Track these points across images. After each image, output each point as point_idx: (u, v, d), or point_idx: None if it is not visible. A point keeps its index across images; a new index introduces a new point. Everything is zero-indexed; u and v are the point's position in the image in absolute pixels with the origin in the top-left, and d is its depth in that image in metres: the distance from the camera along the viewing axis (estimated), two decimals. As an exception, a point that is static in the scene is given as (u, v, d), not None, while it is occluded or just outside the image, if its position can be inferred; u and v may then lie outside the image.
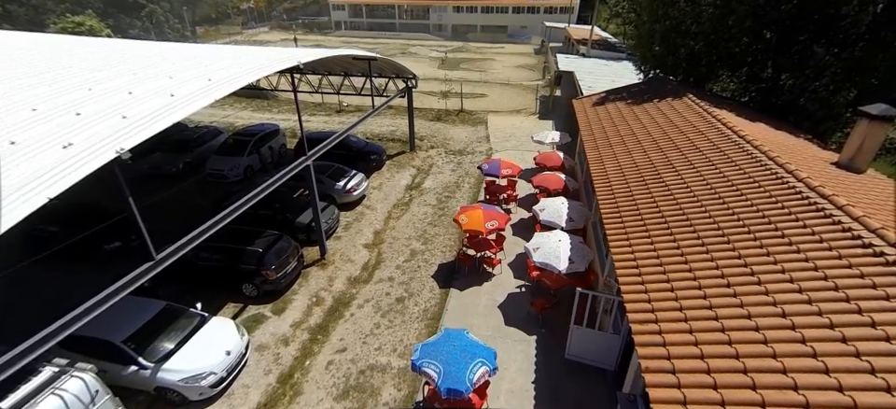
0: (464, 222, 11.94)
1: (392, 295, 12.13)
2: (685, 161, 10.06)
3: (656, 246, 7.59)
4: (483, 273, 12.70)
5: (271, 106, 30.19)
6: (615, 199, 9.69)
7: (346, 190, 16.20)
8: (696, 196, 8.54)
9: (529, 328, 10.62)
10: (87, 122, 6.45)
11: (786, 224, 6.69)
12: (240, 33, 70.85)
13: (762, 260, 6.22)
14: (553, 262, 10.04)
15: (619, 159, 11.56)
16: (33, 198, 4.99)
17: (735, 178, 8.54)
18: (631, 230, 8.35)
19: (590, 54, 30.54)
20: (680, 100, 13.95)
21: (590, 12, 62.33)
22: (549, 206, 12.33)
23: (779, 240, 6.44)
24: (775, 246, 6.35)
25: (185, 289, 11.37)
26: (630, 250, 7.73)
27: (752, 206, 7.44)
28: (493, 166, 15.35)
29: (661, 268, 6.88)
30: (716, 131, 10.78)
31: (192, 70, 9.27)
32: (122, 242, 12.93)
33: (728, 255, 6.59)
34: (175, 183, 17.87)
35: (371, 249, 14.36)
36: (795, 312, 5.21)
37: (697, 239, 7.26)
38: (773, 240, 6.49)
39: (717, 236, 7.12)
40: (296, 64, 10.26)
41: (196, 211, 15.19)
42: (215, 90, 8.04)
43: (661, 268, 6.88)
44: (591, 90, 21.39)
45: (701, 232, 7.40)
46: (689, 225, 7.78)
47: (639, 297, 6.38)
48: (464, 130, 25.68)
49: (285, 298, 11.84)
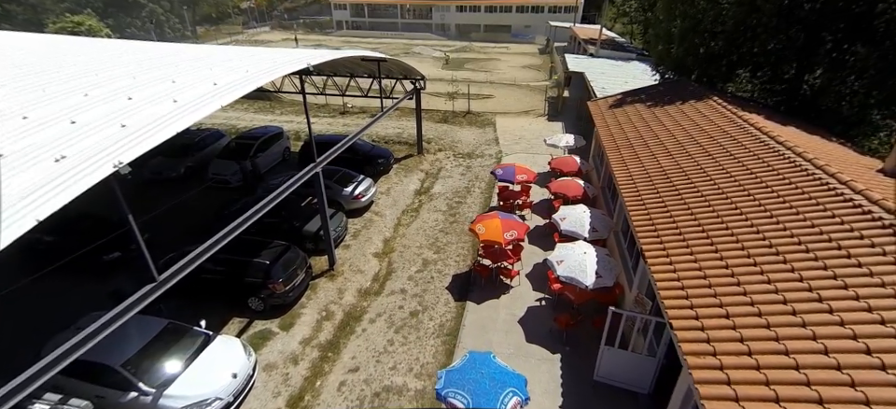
0: (481, 232, 11.34)
1: (405, 309, 11.54)
2: (718, 167, 9.46)
3: (699, 260, 7.00)
4: (500, 285, 12.10)
5: (273, 108, 29.59)
6: (645, 207, 9.10)
7: (354, 196, 15.61)
8: (737, 206, 7.95)
9: (553, 346, 10.03)
10: (82, 132, 5.86)
11: (849, 242, 6.09)
12: (241, 32, 70.22)
13: (826, 282, 5.63)
14: (579, 277, 9.44)
15: (644, 163, 10.97)
16: (19, 220, 4.40)
17: (779, 188, 7.95)
18: (667, 241, 7.77)
19: (599, 54, 29.92)
20: (705, 102, 13.35)
21: (595, 12, 61.96)
22: (570, 215, 11.73)
23: (844, 260, 5.85)
24: (839, 267, 5.75)
25: (187, 303, 10.77)
26: (670, 265, 7.14)
27: (805, 221, 6.84)
28: (507, 171, 14.76)
29: (710, 289, 6.28)
30: (750, 135, 10.18)
31: (196, 73, 8.68)
32: (122, 252, 12.33)
33: (786, 275, 6.00)
34: (177, 189, 17.35)
35: (382, 259, 13.77)
36: (882, 348, 4.61)
37: (747, 256, 6.66)
38: (836, 260, 5.89)
39: (769, 254, 6.51)
40: (305, 67, 9.66)
41: (198, 219, 14.76)
42: (221, 95, 7.45)
43: (710, 289, 6.28)
44: (604, 91, 20.82)
45: (749, 248, 6.81)
46: (733, 238, 7.19)
47: (690, 323, 5.78)
48: (472, 132, 25.09)
49: (293, 312, 11.25)
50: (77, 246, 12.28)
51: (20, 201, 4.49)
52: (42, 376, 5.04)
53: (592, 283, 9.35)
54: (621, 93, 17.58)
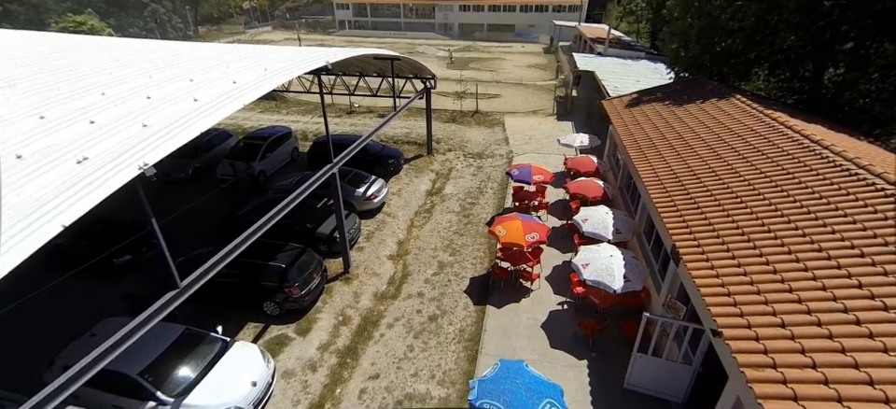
0: (501, 234, 11.06)
1: (423, 313, 11.26)
2: (751, 166, 9.18)
3: (741, 263, 6.71)
4: (519, 288, 11.81)
5: (279, 107, 29.30)
6: (677, 208, 8.81)
7: (367, 197, 15.32)
8: (775, 206, 7.67)
9: (578, 351, 9.74)
10: (103, 132, 5.57)
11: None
12: (242, 32, 69.92)
13: (888, 288, 5.34)
14: (606, 281, 9.16)
15: (669, 162, 10.69)
16: (44, 226, 4.12)
17: (820, 187, 7.67)
18: (705, 244, 7.48)
19: (608, 53, 29.63)
20: (727, 101, 13.06)
21: (599, 11, 61.66)
22: (592, 216, 11.44)
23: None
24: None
25: (201, 308, 10.46)
26: (711, 269, 6.85)
27: (855, 222, 6.56)
28: (523, 172, 14.48)
29: (759, 295, 5.99)
30: (782, 134, 9.89)
31: (213, 71, 8.40)
32: (133, 255, 12.05)
33: (839, 279, 5.72)
34: (185, 190, 17.08)
35: (396, 261, 13.48)
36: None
37: (793, 258, 6.38)
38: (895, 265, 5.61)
39: (818, 257, 6.24)
40: (324, 65, 9.38)
41: (208, 221, 14.48)
42: (242, 93, 7.17)
43: (759, 295, 5.99)
44: (617, 90, 20.56)
45: (794, 250, 6.53)
46: (776, 240, 6.92)
47: (743, 333, 5.49)
48: (480, 132, 24.80)
49: (309, 317, 10.97)
50: (88, 248, 12.07)
51: (43, 205, 4.21)
52: (67, 389, 4.77)
53: (620, 287, 9.06)
54: (636, 92, 17.30)
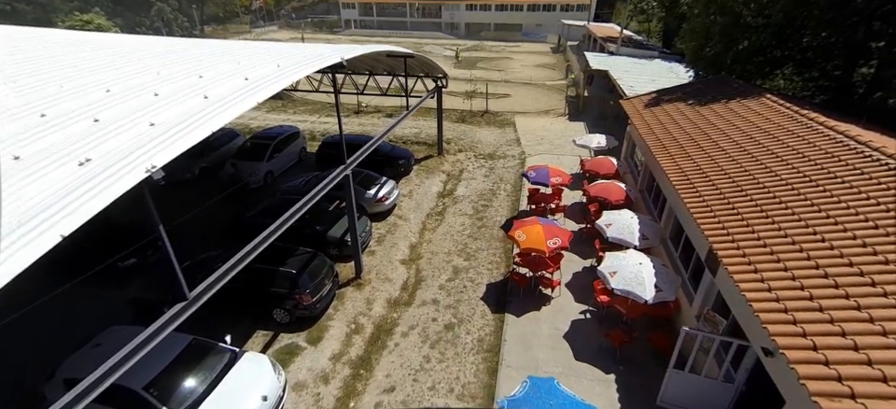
0: (521, 239, 10.56)
1: (439, 321, 10.78)
2: (792, 169, 8.63)
3: (795, 275, 6.18)
4: (539, 295, 11.31)
5: (286, 107, 28.93)
6: (713, 213, 8.29)
7: (378, 199, 14.86)
8: (826, 212, 7.13)
9: (605, 364, 9.21)
10: (107, 131, 5.13)
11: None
12: (248, 32, 69.76)
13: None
14: (636, 290, 8.64)
15: (699, 164, 10.16)
16: (39, 236, 3.69)
17: (873, 192, 7.12)
18: (749, 252, 6.97)
19: (620, 52, 29.05)
20: (756, 100, 12.49)
21: (608, 10, 60.98)
22: (616, 221, 10.91)
23: None
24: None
25: (208, 314, 9.98)
26: (761, 281, 6.33)
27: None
28: (540, 174, 13.96)
29: (821, 312, 5.46)
30: (822, 135, 9.32)
31: (223, 67, 7.96)
32: (138, 258, 11.65)
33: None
34: (191, 190, 16.71)
35: (409, 266, 13.01)
36: None
37: (855, 270, 5.84)
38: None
39: (885, 271, 5.70)
40: (339, 61, 8.93)
41: (215, 223, 14.07)
42: (255, 90, 6.72)
43: (821, 312, 5.46)
44: (632, 90, 20.01)
45: (854, 261, 5.99)
46: (832, 249, 6.40)
47: (808, 355, 4.97)
48: (491, 132, 24.30)
49: (320, 324, 10.51)
50: (92, 251, 11.69)
51: (42, 212, 3.77)
52: (75, 406, 4.32)
53: (652, 297, 8.55)
54: (655, 92, 16.74)
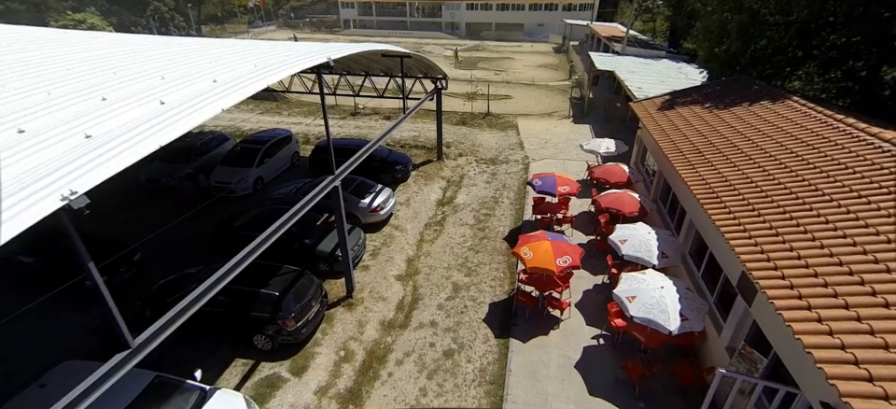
0: (528, 257, 9.58)
1: (437, 347, 9.80)
2: (835, 183, 7.64)
3: (857, 311, 5.20)
4: (547, 317, 10.33)
5: (281, 109, 27.98)
6: (747, 231, 7.30)
7: (373, 209, 13.89)
8: (889, 238, 6.14)
9: (623, 400, 8.22)
10: (31, 145, 4.17)
11: None
12: (246, 31, 68.89)
13: None
14: (659, 319, 7.65)
15: (724, 174, 9.20)
16: None
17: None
18: (793, 277, 5.99)
19: (626, 52, 28.05)
20: (782, 103, 11.49)
21: (612, 9, 59.96)
22: (632, 237, 9.92)
23: None
24: None
25: (181, 340, 9.08)
26: (810, 310, 5.36)
27: None
28: (547, 182, 12.98)
29: (883, 346, 4.48)
30: (864, 143, 8.32)
31: (192, 67, 7.00)
32: (109, 275, 10.69)
33: None
34: (177, 196, 15.79)
35: (405, 283, 12.03)
36: None
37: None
38: None
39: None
40: (326, 61, 7.95)
41: (201, 231, 13.08)
42: (222, 94, 5.75)
43: (883, 346, 4.48)
44: (641, 91, 19.03)
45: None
46: (888, 273, 5.43)
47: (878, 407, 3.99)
48: (493, 135, 23.33)
49: (306, 351, 9.55)
50: (59, 268, 10.75)
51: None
52: None
53: (676, 328, 7.55)
54: (668, 94, 15.74)
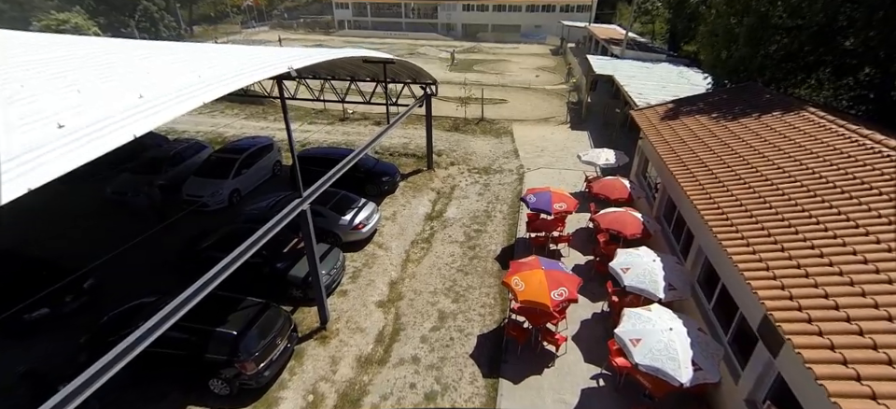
0: (520, 289, 8.55)
1: (418, 388, 8.77)
2: (864, 209, 6.67)
3: (893, 361, 4.23)
4: (541, 353, 9.32)
5: (267, 113, 26.89)
6: (766, 265, 6.33)
7: (354, 227, 12.84)
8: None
9: (626, 458, 7.24)
10: None
11: None
12: (239, 32, 67.68)
13: None
14: (668, 369, 6.64)
15: (739, 199, 8.21)
16: None
17: None
18: (830, 332, 5.00)
19: (625, 55, 27.12)
20: (798, 114, 10.52)
21: (610, 11, 59.12)
22: (635, 265, 8.90)
23: None
24: None
25: (126, 385, 8.02)
26: (840, 361, 4.37)
27: None
28: (542, 199, 11.96)
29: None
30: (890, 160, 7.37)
31: (117, 80, 5.95)
32: (52, 308, 9.60)
33: None
34: (146, 211, 14.64)
35: (387, 310, 10.99)
36: None
37: None
38: None
39: None
40: (286, 71, 6.91)
41: (169, 251, 11.92)
42: (148, 113, 4.71)
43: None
44: (641, 97, 18.07)
45: None
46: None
47: None
48: (487, 142, 22.31)
49: (269, 396, 8.48)
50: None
51: None
52: None
53: (689, 379, 6.55)
54: (671, 101, 14.80)
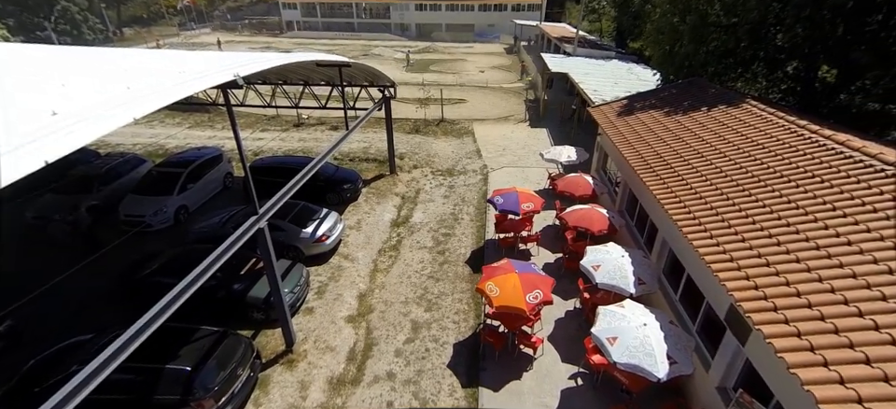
0: (494, 295, 8.40)
1: (396, 405, 8.39)
2: (813, 198, 7.12)
3: (865, 351, 4.48)
4: (519, 357, 9.24)
5: (213, 121, 25.13)
6: (730, 256, 6.58)
7: (317, 239, 12.17)
8: (875, 258, 5.55)
9: (609, 455, 7.29)
10: None
11: None
12: (176, 35, 63.00)
13: None
14: (646, 365, 6.73)
15: (698, 191, 8.54)
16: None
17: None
18: (796, 320, 5.23)
19: (577, 53, 27.98)
20: (740, 107, 11.18)
21: (559, 10, 61.04)
22: (605, 262, 9.03)
23: None
24: None
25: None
26: (807, 347, 4.57)
27: None
28: (509, 200, 11.92)
29: None
30: (836, 154, 7.92)
31: (26, 92, 5.10)
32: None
33: None
34: (74, 237, 13.02)
35: (357, 325, 10.48)
36: None
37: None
38: None
39: None
40: (233, 79, 6.27)
41: (105, 281, 10.61)
42: (61, 135, 4.00)
43: None
44: (596, 94, 18.64)
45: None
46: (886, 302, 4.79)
47: None
48: (448, 143, 22.14)
49: (233, 433, 7.78)
50: None
51: None
52: None
53: (665, 374, 6.67)
54: (625, 98, 15.32)
